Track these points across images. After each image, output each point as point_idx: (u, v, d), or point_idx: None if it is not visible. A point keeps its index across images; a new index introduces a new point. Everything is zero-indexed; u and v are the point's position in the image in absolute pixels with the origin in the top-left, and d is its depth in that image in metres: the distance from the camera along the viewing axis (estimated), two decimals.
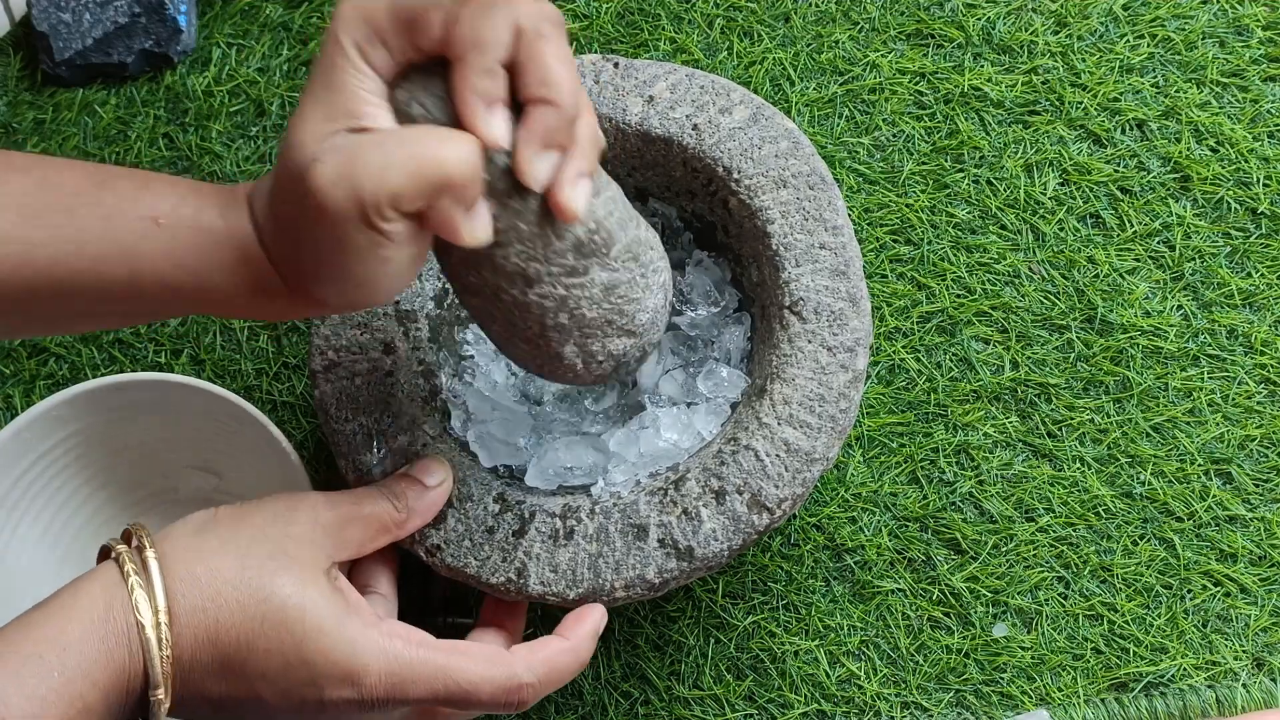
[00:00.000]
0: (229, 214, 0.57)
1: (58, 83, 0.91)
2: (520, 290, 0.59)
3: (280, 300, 0.59)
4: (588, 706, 0.78)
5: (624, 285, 0.61)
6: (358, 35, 0.53)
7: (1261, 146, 0.86)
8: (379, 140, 0.53)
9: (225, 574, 0.57)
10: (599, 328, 0.61)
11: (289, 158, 0.54)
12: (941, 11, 0.89)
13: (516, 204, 0.56)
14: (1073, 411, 0.82)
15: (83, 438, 0.77)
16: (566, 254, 0.59)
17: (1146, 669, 0.78)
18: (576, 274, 0.59)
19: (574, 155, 0.56)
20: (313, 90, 0.54)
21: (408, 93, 0.55)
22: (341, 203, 0.52)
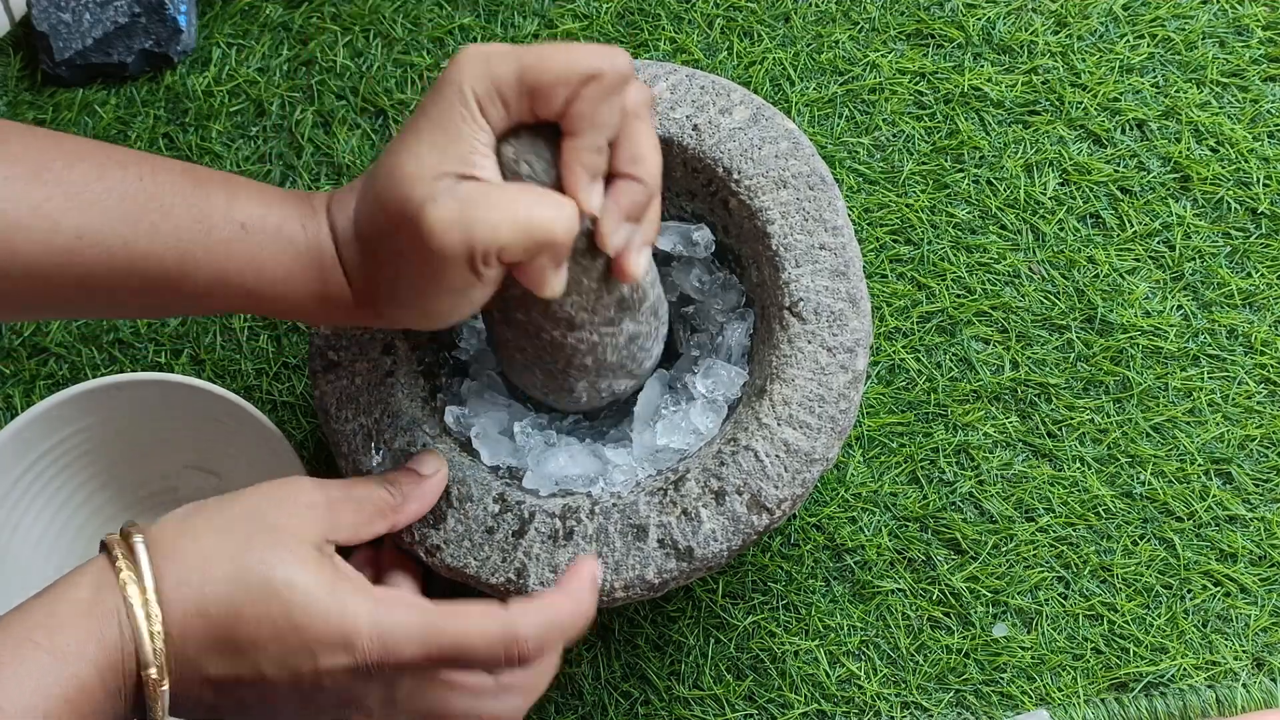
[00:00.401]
0: (310, 225, 0.60)
1: (58, 83, 0.91)
2: (561, 333, 0.64)
3: (345, 310, 0.62)
4: (588, 706, 0.78)
5: (643, 336, 0.67)
6: (480, 89, 0.56)
7: (1261, 146, 0.86)
8: (494, 193, 0.56)
9: (210, 548, 0.57)
10: (613, 370, 0.67)
11: (393, 189, 0.56)
12: (941, 11, 0.89)
13: (585, 262, 0.61)
14: (1073, 411, 0.82)
15: (83, 438, 0.77)
16: (610, 307, 0.64)
17: (1146, 669, 0.78)
18: (612, 324, 0.65)
19: (644, 228, 0.61)
20: (423, 129, 0.57)
21: (516, 152, 0.58)
22: (453, 246, 0.55)
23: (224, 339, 0.85)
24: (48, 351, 0.86)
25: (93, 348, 0.85)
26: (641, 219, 0.61)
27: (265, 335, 0.85)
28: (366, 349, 0.71)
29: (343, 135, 0.88)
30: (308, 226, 0.60)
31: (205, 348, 0.85)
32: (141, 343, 0.85)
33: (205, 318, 0.85)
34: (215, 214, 0.59)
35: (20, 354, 0.85)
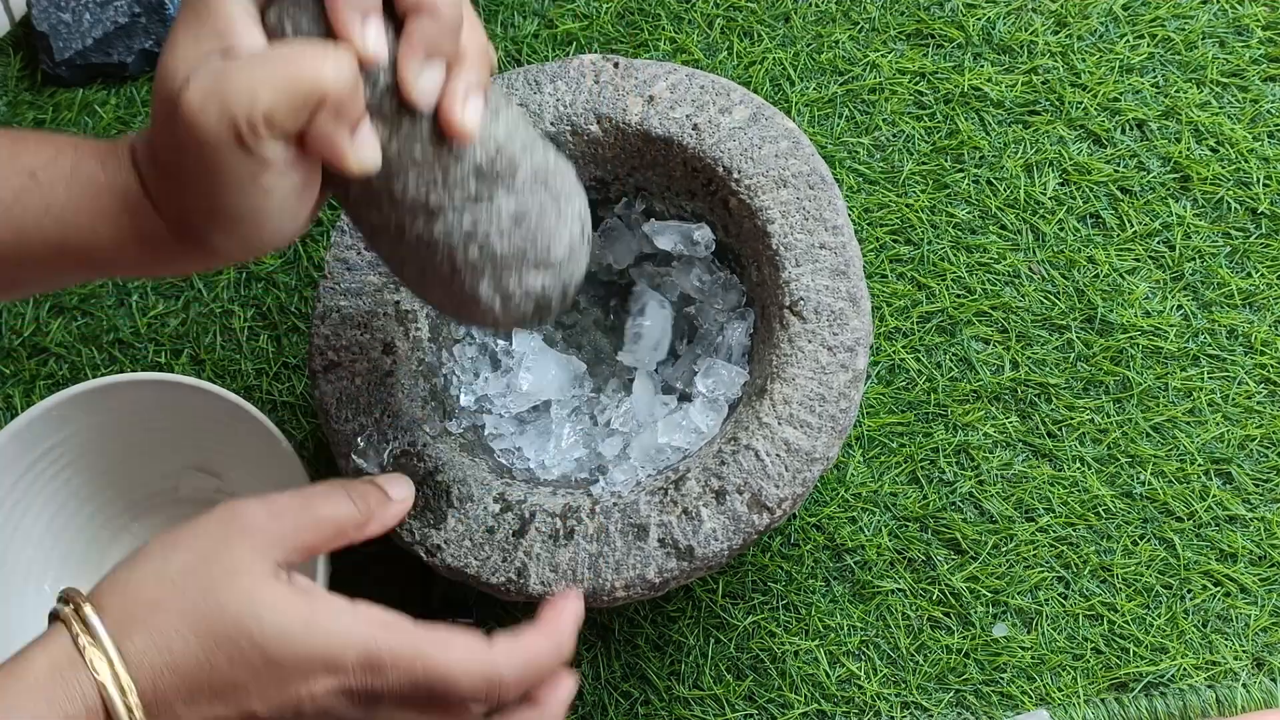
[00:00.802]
0: (109, 163, 0.54)
1: (58, 83, 0.91)
2: (424, 224, 0.56)
3: (170, 251, 0.56)
4: (588, 706, 0.78)
5: (534, 214, 0.57)
6: None
7: (1261, 146, 0.86)
8: (251, 59, 0.50)
9: (166, 603, 0.54)
10: (512, 261, 0.57)
11: (159, 89, 0.51)
12: (941, 11, 0.89)
13: (406, 127, 0.53)
14: (1073, 411, 0.82)
15: (83, 438, 0.77)
16: (468, 180, 0.55)
17: (1146, 669, 0.78)
18: (479, 200, 0.56)
19: (461, 69, 0.53)
20: (182, 16, 0.52)
21: (279, 11, 0.52)
22: (213, 124, 0.49)
23: (224, 339, 0.85)
24: (48, 351, 0.86)
25: (93, 348, 0.85)
26: (453, 58, 0.53)
27: (265, 335, 0.85)
28: (366, 349, 0.71)
29: None
30: (107, 165, 0.54)
31: (205, 348, 0.85)
32: (141, 343, 0.85)
33: (203, 317, 0.85)
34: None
35: (20, 354, 0.85)
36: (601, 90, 0.73)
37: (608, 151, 0.73)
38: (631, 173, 0.74)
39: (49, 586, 0.79)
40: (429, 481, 0.68)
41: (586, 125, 0.73)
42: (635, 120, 0.72)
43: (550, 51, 0.90)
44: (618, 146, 0.73)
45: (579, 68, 0.74)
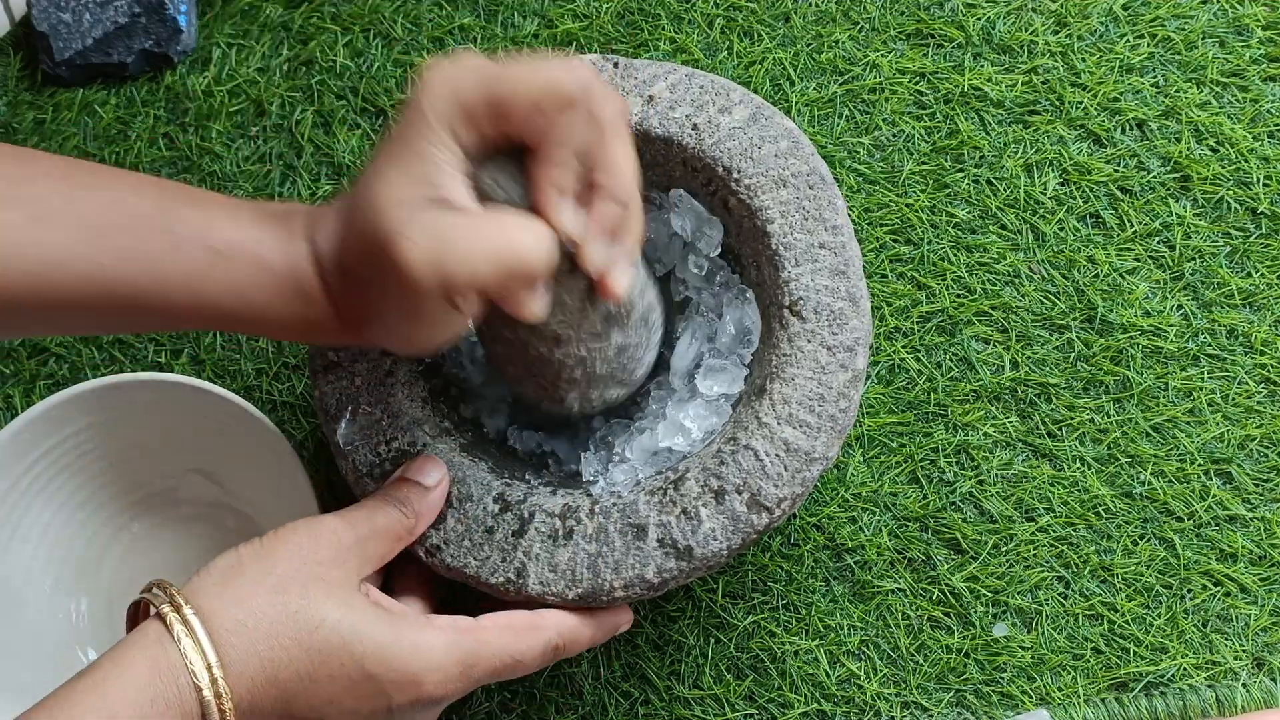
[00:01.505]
0: (290, 249, 0.59)
1: (58, 83, 0.91)
2: (548, 349, 0.64)
3: (329, 332, 0.61)
4: (588, 706, 0.78)
5: (633, 347, 0.67)
6: (447, 111, 0.56)
7: (1261, 146, 0.86)
8: (468, 226, 0.55)
9: (269, 614, 0.57)
10: (604, 380, 0.67)
11: (368, 216, 0.56)
12: (941, 11, 0.89)
13: (567, 281, 0.61)
14: (1073, 411, 0.82)
15: (83, 438, 0.77)
16: (596, 323, 0.64)
17: (1146, 669, 0.78)
18: (599, 339, 0.65)
19: (626, 244, 0.60)
20: (395, 154, 0.56)
21: (488, 174, 0.57)
22: (429, 281, 0.54)
23: (224, 339, 0.85)
24: (47, 351, 0.86)
25: (92, 347, 0.85)
26: (620, 234, 0.59)
27: None
28: (366, 349, 0.71)
29: (343, 135, 0.88)
30: (287, 251, 0.59)
31: (205, 348, 0.85)
32: (141, 343, 0.85)
33: None
34: (189, 238, 0.58)
35: (20, 354, 0.85)
36: None
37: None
38: None
39: (48, 586, 0.79)
40: None
41: None
42: (634, 120, 0.72)
43: (551, 52, 0.90)
44: None
45: None
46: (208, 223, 0.59)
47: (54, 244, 0.56)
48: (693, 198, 0.74)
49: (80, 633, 0.80)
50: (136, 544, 0.82)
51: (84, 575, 0.80)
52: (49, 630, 0.79)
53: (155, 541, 0.82)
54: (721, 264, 0.74)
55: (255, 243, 0.59)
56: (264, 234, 0.59)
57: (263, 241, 0.59)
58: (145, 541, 0.82)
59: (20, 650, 0.77)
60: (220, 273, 0.58)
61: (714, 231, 0.73)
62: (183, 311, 0.59)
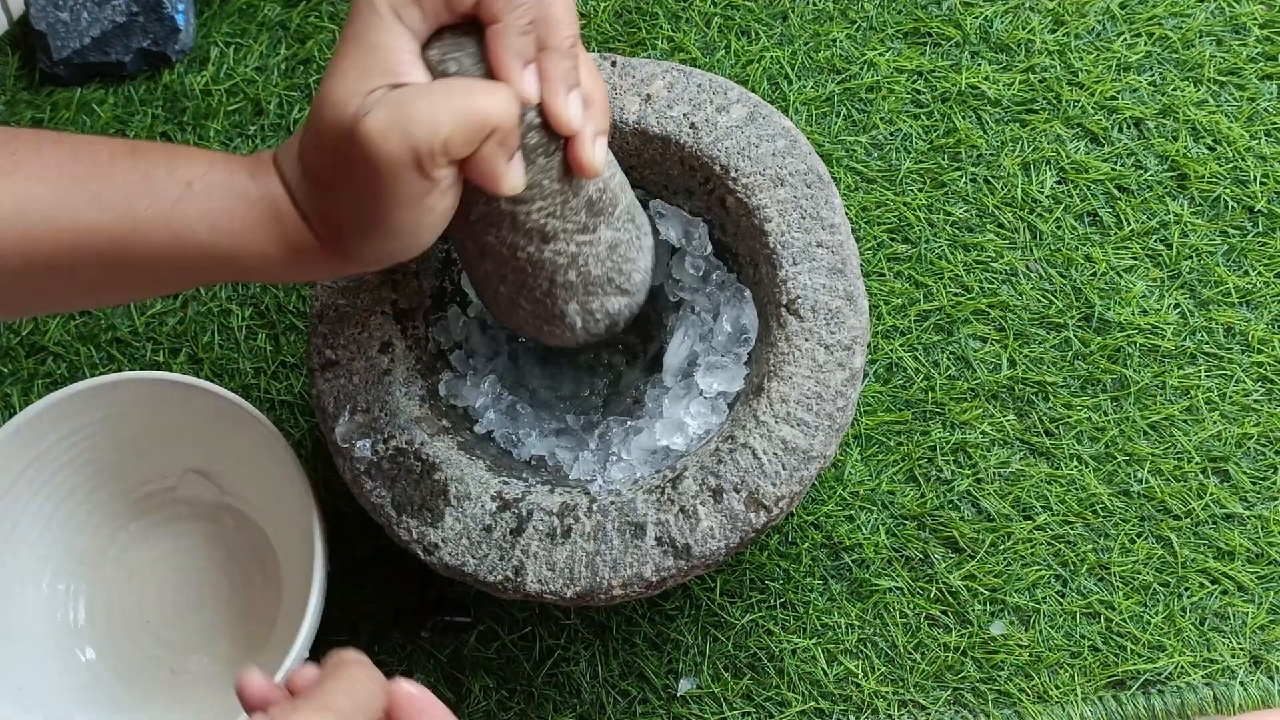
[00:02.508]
0: (259, 176, 0.59)
1: (56, 82, 0.91)
2: (537, 247, 0.62)
3: (313, 257, 0.60)
4: (585, 705, 0.78)
5: (624, 244, 0.65)
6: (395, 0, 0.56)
7: (1259, 145, 0.86)
8: (426, 91, 0.54)
9: None
10: (601, 285, 0.65)
11: (327, 116, 0.55)
12: (939, 10, 0.89)
13: (542, 161, 0.60)
14: (1070, 410, 0.82)
15: (81, 436, 0.77)
16: (580, 211, 0.62)
17: (1144, 667, 0.78)
18: (587, 231, 0.63)
19: (594, 115, 0.59)
20: (346, 51, 0.56)
21: (442, 51, 0.57)
22: (395, 151, 0.54)
23: (222, 338, 0.85)
24: (46, 350, 0.86)
25: (90, 346, 0.85)
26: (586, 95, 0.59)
27: (263, 334, 0.85)
28: (364, 347, 0.71)
29: None
30: (257, 177, 0.59)
31: (203, 346, 0.85)
32: (140, 341, 0.85)
33: (202, 316, 0.85)
34: (160, 175, 0.58)
35: (19, 353, 0.85)
36: None
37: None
38: (629, 171, 0.74)
39: (46, 585, 0.79)
40: (426, 480, 0.68)
41: None
42: (632, 119, 0.72)
43: None
44: (615, 145, 0.73)
45: None
46: (174, 159, 0.59)
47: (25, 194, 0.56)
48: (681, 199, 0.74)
49: (78, 631, 0.80)
50: (135, 542, 0.82)
51: (82, 573, 0.80)
52: (47, 628, 0.79)
53: (154, 540, 0.82)
54: (717, 263, 0.74)
55: (225, 173, 0.59)
56: (232, 165, 0.59)
57: (233, 172, 0.59)
58: (143, 540, 0.82)
59: (18, 648, 0.77)
60: (193, 205, 0.58)
61: (700, 230, 0.73)
62: (161, 250, 0.58)
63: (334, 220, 0.58)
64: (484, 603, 0.79)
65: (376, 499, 0.68)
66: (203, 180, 0.58)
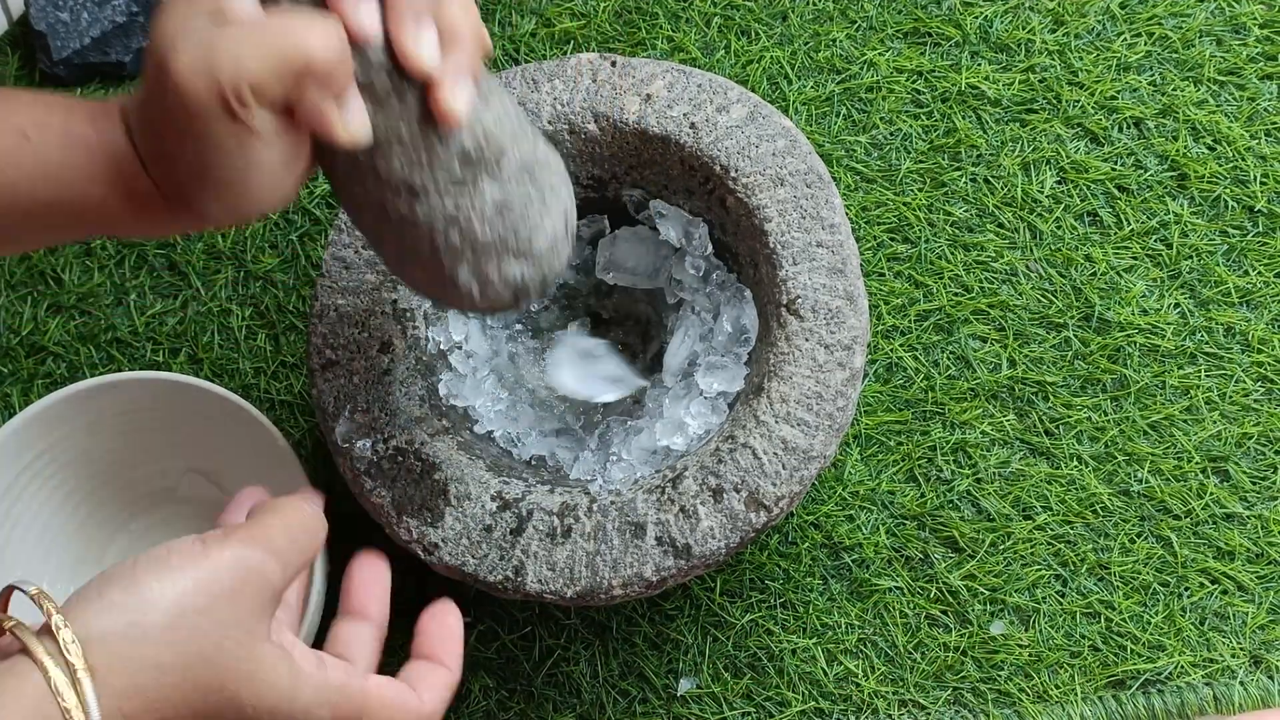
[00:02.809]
0: (100, 123, 0.54)
1: (55, 82, 0.91)
2: (406, 203, 0.56)
3: (160, 212, 0.56)
4: (585, 705, 0.79)
5: (518, 204, 0.57)
6: None
7: (1259, 144, 0.86)
8: (239, 27, 0.49)
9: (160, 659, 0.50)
10: (493, 249, 0.57)
11: (150, 51, 0.51)
12: (939, 10, 0.89)
13: (396, 106, 0.53)
14: (1070, 409, 0.82)
15: (81, 436, 0.77)
16: (453, 163, 0.55)
17: (1144, 666, 0.78)
18: (463, 184, 0.56)
19: (453, 51, 0.53)
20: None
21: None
22: (200, 91, 0.49)
23: (222, 338, 0.85)
24: (45, 350, 0.86)
25: (90, 346, 0.85)
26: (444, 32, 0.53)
27: (263, 334, 0.85)
28: (364, 347, 0.71)
29: None
30: (98, 124, 0.54)
31: (203, 346, 0.85)
32: (139, 342, 0.85)
33: (201, 316, 0.85)
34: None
35: (18, 353, 0.85)
36: (599, 89, 0.73)
37: (605, 150, 0.73)
38: (629, 171, 0.74)
39: (47, 586, 0.79)
40: (426, 480, 0.68)
41: (584, 124, 0.73)
42: (633, 119, 0.72)
43: (548, 50, 0.90)
44: (615, 145, 0.73)
45: (576, 66, 0.74)
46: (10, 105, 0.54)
47: None
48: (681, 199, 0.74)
49: None
50: (135, 543, 0.82)
51: (82, 574, 0.80)
52: None
53: (153, 540, 0.82)
54: (718, 264, 0.74)
55: (62, 120, 0.54)
56: (71, 112, 0.54)
57: (71, 119, 0.54)
58: (143, 540, 0.82)
59: None
60: (30, 155, 0.53)
61: (700, 230, 0.73)
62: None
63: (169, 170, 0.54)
64: (484, 602, 0.79)
65: (376, 499, 0.69)
66: (40, 129, 0.54)
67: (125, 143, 0.54)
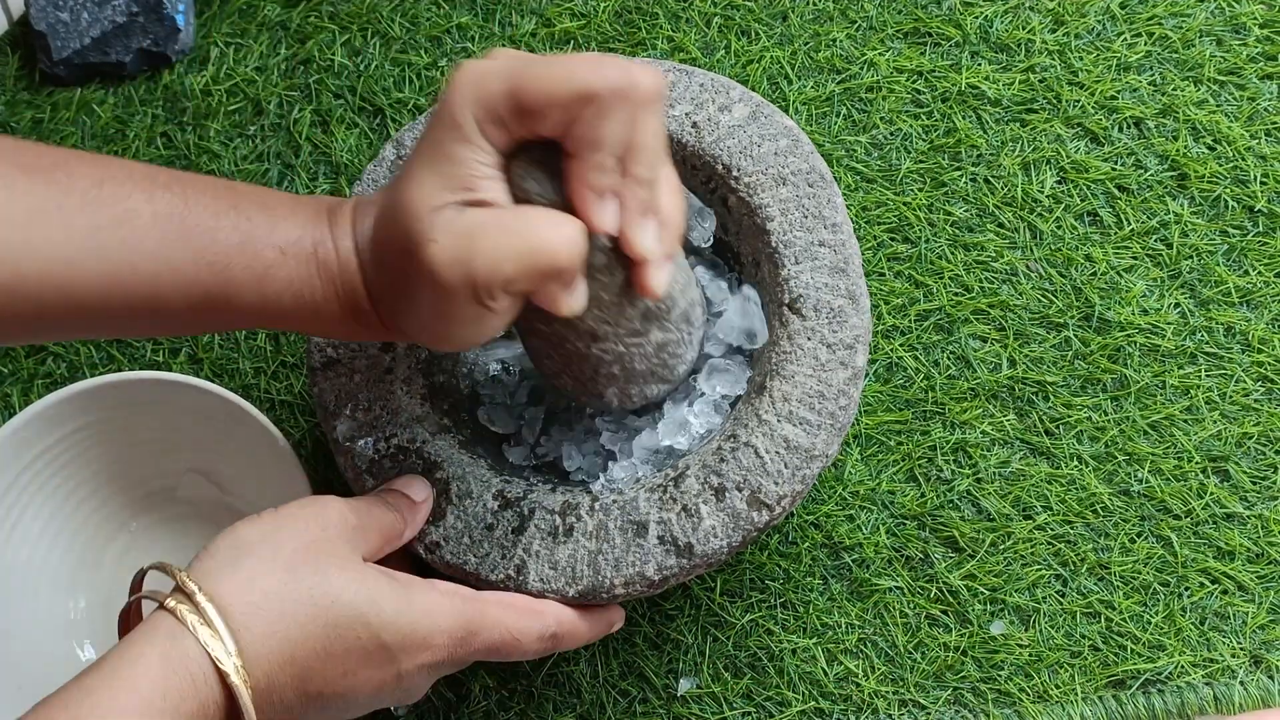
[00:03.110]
0: (341, 244, 0.60)
1: (56, 82, 0.91)
2: (585, 344, 0.63)
3: (373, 330, 0.62)
4: (585, 705, 0.78)
5: (674, 344, 0.66)
6: (477, 112, 0.55)
7: (1259, 144, 0.86)
8: (494, 224, 0.55)
9: (284, 593, 0.57)
10: (643, 376, 0.66)
11: (400, 221, 0.56)
12: (939, 10, 0.89)
13: (604, 277, 0.60)
14: (1070, 409, 0.82)
15: (81, 436, 0.77)
16: (635, 319, 0.63)
17: (1144, 666, 0.78)
18: (638, 335, 0.64)
19: (666, 239, 0.59)
20: (426, 156, 0.56)
21: (522, 171, 0.57)
22: (456, 283, 0.54)
23: (222, 338, 0.85)
24: (46, 350, 0.85)
25: (90, 346, 0.85)
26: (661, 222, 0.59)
27: (263, 334, 0.85)
28: (365, 346, 0.71)
29: (340, 134, 0.88)
30: (340, 246, 0.60)
31: (203, 346, 0.85)
32: (139, 341, 0.85)
33: None
34: (258, 238, 0.58)
35: (18, 353, 0.85)
36: None
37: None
38: None
39: (47, 585, 0.79)
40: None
41: None
42: None
43: (548, 50, 0.90)
44: None
45: None
46: (270, 220, 0.59)
47: (137, 246, 0.56)
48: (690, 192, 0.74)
49: (78, 632, 0.80)
50: (135, 542, 0.82)
51: (83, 574, 0.80)
52: (47, 629, 0.79)
53: (154, 540, 0.82)
54: (720, 263, 0.74)
55: (314, 240, 0.59)
56: (320, 230, 0.60)
57: (321, 239, 0.59)
58: (144, 540, 0.82)
59: (18, 649, 0.77)
60: (282, 272, 0.58)
61: (708, 222, 0.73)
62: (246, 311, 0.59)
63: (395, 308, 0.60)
64: None
65: None
66: (294, 247, 0.59)
67: (355, 268, 0.59)
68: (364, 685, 0.59)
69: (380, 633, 0.59)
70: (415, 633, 0.60)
